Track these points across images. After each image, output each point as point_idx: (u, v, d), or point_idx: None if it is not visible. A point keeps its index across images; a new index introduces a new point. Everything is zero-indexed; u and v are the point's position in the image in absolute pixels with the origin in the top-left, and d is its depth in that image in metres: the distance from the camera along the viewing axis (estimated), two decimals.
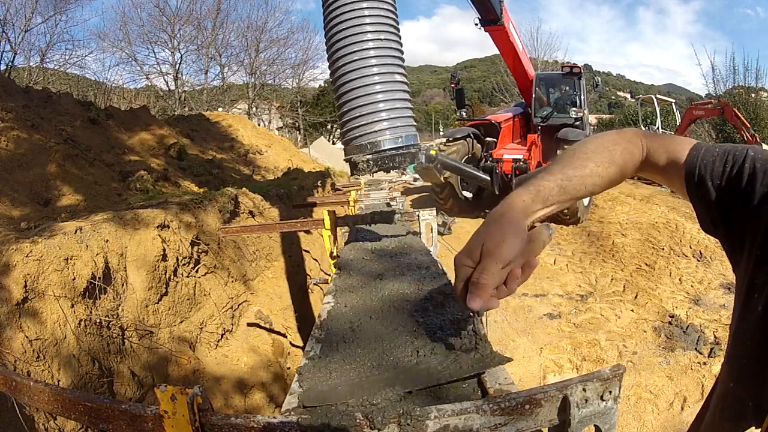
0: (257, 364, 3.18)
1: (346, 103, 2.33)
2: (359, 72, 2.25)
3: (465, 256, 0.69)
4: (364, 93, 2.30)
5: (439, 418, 0.50)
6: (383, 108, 2.33)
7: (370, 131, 2.33)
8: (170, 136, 6.25)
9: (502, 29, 7.63)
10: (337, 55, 2.28)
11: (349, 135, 2.38)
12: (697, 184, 0.73)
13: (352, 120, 2.35)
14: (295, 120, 29.71)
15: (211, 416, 0.53)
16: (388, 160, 2.40)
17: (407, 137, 2.39)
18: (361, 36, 2.22)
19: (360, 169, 2.42)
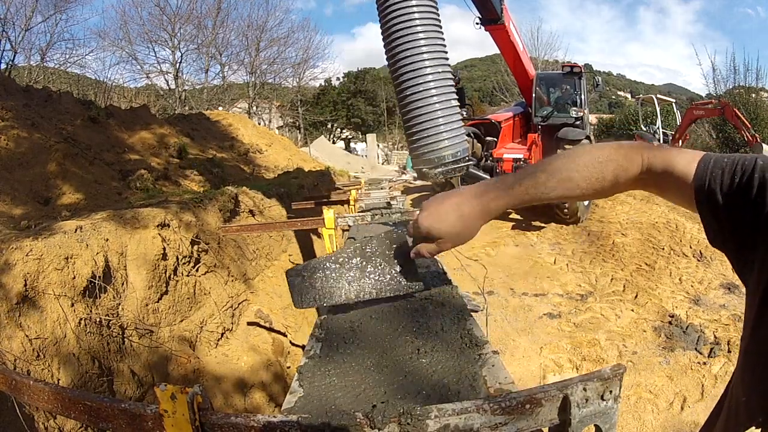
0: (257, 363, 3.18)
1: (415, 126, 3.23)
2: (424, 101, 3.14)
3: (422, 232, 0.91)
4: (430, 118, 3.16)
5: (439, 418, 0.50)
6: (444, 129, 3.18)
7: (437, 147, 3.20)
8: (170, 135, 6.25)
9: (502, 28, 7.61)
10: (402, 85, 3.18)
11: (418, 150, 3.29)
12: (707, 197, 0.71)
13: (421, 139, 3.23)
14: (295, 119, 29.72)
15: (211, 415, 0.53)
16: (450, 171, 3.32)
17: (463, 150, 3.31)
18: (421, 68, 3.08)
19: (427, 176, 3.35)
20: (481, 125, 9.25)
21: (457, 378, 0.81)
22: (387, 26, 3.10)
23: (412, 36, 3.03)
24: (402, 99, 3.23)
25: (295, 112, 28.58)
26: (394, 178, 15.73)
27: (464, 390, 0.77)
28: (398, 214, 2.47)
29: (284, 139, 13.40)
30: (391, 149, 32.64)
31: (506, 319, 5.12)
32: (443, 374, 0.83)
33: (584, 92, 9.10)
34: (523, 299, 5.59)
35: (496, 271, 6.33)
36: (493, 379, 0.80)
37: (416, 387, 0.76)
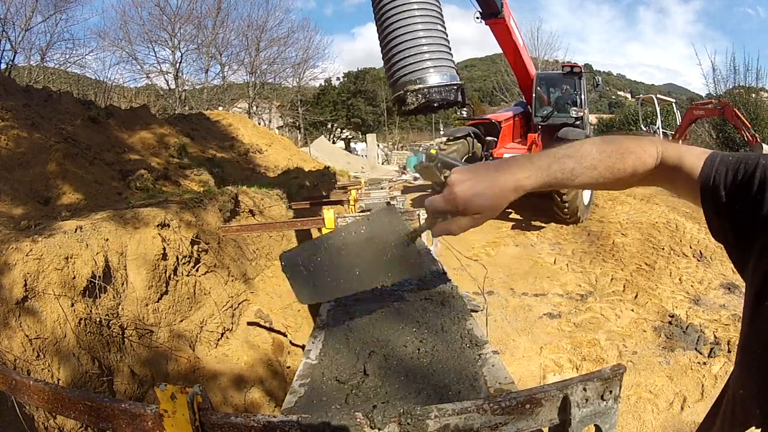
0: (257, 363, 3.18)
1: (394, 48, 2.96)
2: (405, 21, 2.90)
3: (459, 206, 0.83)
4: (410, 38, 2.91)
5: (439, 418, 0.50)
6: (427, 50, 2.94)
7: (418, 69, 2.92)
8: (170, 135, 6.25)
9: (502, 22, 7.62)
10: (384, 7, 2.94)
11: (396, 75, 2.98)
12: (711, 194, 0.74)
13: (400, 61, 2.95)
14: (295, 119, 29.72)
15: (211, 415, 0.53)
16: (435, 93, 2.98)
17: (451, 76, 3.01)
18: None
19: (408, 103, 3.00)
20: (481, 125, 9.25)
21: (458, 378, 0.81)
22: None
23: None
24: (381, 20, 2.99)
25: (295, 112, 28.58)
26: (394, 178, 15.74)
27: (464, 390, 0.77)
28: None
29: (284, 139, 13.40)
30: (391, 149, 32.64)
31: (506, 319, 5.12)
32: (443, 374, 0.83)
33: (584, 92, 9.10)
34: (523, 299, 5.59)
35: (496, 271, 6.33)
36: (493, 379, 0.80)
37: (416, 387, 0.76)
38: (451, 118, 28.75)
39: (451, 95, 3.08)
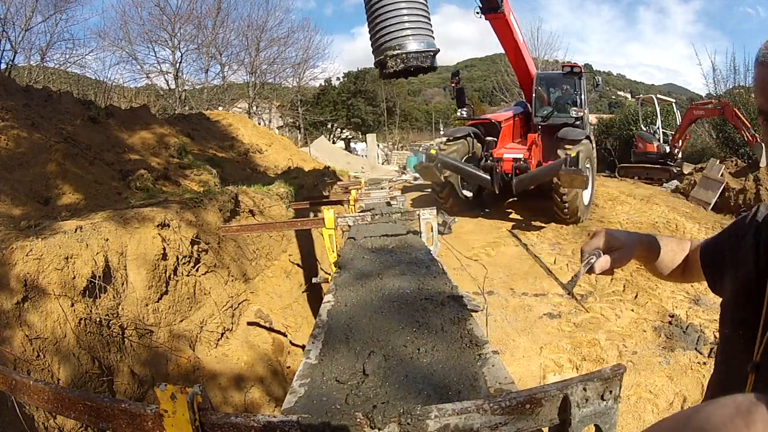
0: (257, 362, 3.18)
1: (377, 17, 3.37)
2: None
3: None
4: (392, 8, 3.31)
5: (439, 417, 0.50)
6: (407, 20, 3.33)
7: (397, 36, 3.34)
8: (170, 135, 6.25)
9: (502, 17, 7.62)
10: None
11: (378, 41, 3.40)
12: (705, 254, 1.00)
13: (382, 29, 3.38)
14: (295, 119, 29.72)
15: (211, 415, 0.53)
16: (413, 59, 3.39)
17: (428, 43, 3.42)
18: None
19: (388, 67, 3.42)
20: (481, 125, 9.25)
21: (458, 378, 0.81)
22: None
23: None
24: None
25: (295, 112, 28.57)
26: (394, 178, 15.73)
27: (464, 390, 0.77)
28: (398, 214, 2.47)
29: (284, 139, 13.40)
30: (391, 149, 32.64)
31: (506, 319, 5.12)
32: (443, 374, 0.83)
33: (584, 92, 9.10)
34: (523, 299, 5.59)
35: (496, 271, 6.33)
36: (493, 379, 0.80)
37: (416, 387, 0.76)
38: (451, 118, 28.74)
39: (427, 61, 3.46)
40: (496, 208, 9.53)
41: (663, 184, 11.24)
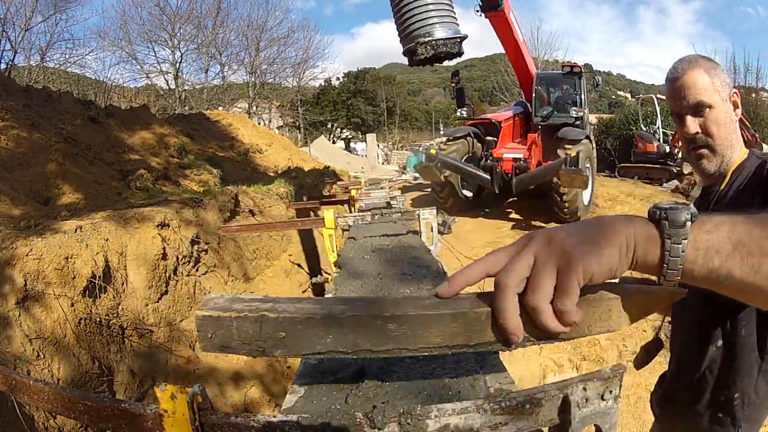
0: (257, 362, 3.18)
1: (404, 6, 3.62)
2: None
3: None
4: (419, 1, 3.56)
5: (439, 417, 0.50)
6: (433, 8, 3.60)
7: (426, 24, 3.59)
8: (170, 134, 6.25)
9: (502, 15, 7.62)
10: None
11: (408, 29, 3.64)
12: None
13: (410, 18, 3.62)
14: (295, 119, 29.72)
15: (211, 415, 0.53)
16: (441, 45, 3.65)
17: (455, 30, 3.70)
18: None
19: (418, 53, 3.69)
20: (481, 125, 9.25)
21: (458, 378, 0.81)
22: None
23: None
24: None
25: (295, 112, 28.58)
26: (394, 178, 15.72)
27: (464, 390, 0.77)
28: (398, 214, 2.47)
29: (284, 139, 13.40)
30: (391, 149, 32.64)
31: None
32: (443, 374, 0.83)
33: (584, 92, 9.10)
34: None
35: None
36: (493, 379, 0.80)
37: (416, 387, 0.76)
38: (451, 118, 28.73)
39: (455, 47, 3.75)
40: (496, 208, 9.53)
41: (663, 184, 11.24)
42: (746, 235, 0.46)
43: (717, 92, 1.12)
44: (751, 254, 0.45)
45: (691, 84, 1.12)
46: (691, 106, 1.13)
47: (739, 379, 1.08)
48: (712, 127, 1.13)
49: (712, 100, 1.11)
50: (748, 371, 1.06)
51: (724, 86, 1.13)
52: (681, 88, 1.14)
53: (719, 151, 1.15)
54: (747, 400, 1.08)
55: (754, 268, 0.45)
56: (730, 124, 1.15)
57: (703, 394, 1.13)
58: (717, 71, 1.13)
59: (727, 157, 1.16)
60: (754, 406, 1.08)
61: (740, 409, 1.08)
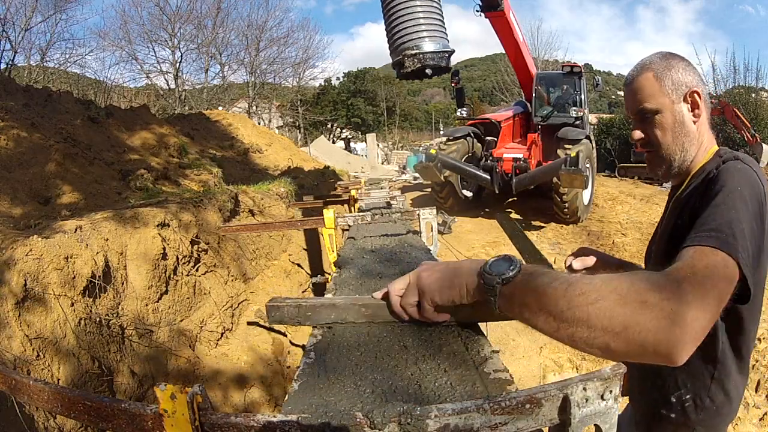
0: (257, 362, 3.18)
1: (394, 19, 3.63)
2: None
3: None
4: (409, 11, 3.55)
5: (439, 417, 0.50)
6: (423, 22, 3.58)
7: (414, 38, 3.58)
8: (170, 134, 6.25)
9: (502, 15, 7.63)
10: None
11: (396, 42, 3.65)
12: None
13: (400, 31, 3.62)
14: (295, 119, 29.72)
15: (211, 415, 0.53)
16: (429, 59, 3.64)
17: (443, 44, 3.68)
18: None
19: (405, 66, 3.69)
20: (481, 125, 9.25)
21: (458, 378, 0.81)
22: None
23: None
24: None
25: (295, 112, 28.58)
26: (394, 177, 15.72)
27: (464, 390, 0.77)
28: (398, 214, 2.47)
29: (284, 139, 13.40)
30: (391, 149, 32.64)
31: None
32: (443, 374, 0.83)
33: (584, 92, 9.10)
34: None
35: None
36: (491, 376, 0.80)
37: (416, 387, 0.76)
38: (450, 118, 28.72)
39: (443, 61, 3.75)
40: (496, 208, 9.53)
41: (663, 184, 11.24)
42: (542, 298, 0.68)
43: (667, 95, 1.09)
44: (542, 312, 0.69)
45: (637, 89, 1.12)
46: (635, 113, 1.14)
47: (690, 383, 1.09)
48: (657, 133, 1.12)
49: (659, 104, 1.10)
50: (699, 376, 1.08)
51: (677, 87, 1.09)
52: (629, 93, 1.15)
53: (664, 156, 1.14)
54: (700, 404, 1.09)
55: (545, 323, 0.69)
56: (681, 128, 1.12)
57: (652, 395, 1.16)
58: (672, 72, 1.10)
59: (677, 161, 1.14)
60: (710, 411, 1.09)
61: (693, 412, 1.10)
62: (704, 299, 0.66)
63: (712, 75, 15.59)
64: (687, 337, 0.62)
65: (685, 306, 0.63)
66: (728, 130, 12.22)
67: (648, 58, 1.15)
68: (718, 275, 0.74)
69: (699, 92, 1.10)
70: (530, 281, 0.71)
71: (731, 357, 1.06)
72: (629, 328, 0.62)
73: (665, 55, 1.13)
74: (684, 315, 0.62)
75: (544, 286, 0.69)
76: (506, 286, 0.72)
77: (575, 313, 0.65)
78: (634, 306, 0.63)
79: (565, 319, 0.66)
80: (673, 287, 0.66)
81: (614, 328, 0.63)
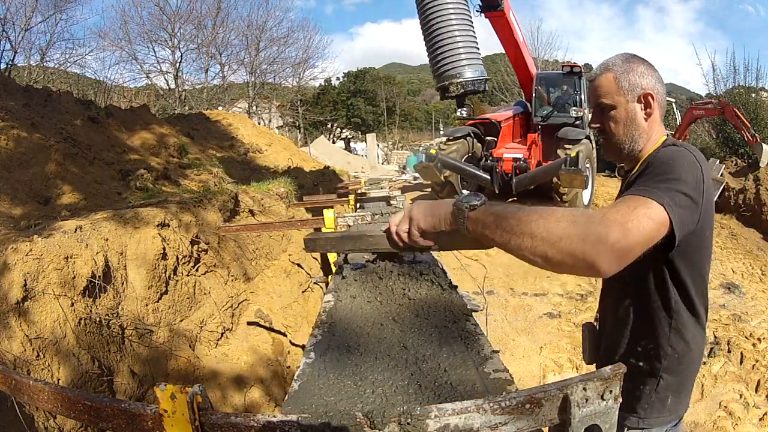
0: (257, 362, 3.18)
1: (439, 48, 4.64)
2: (447, 27, 4.55)
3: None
4: (451, 41, 4.54)
5: (439, 417, 0.50)
6: (463, 51, 4.60)
7: (457, 66, 4.62)
8: (170, 134, 6.24)
9: (502, 15, 7.64)
10: (429, 17, 4.68)
11: (441, 70, 4.71)
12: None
13: (442, 60, 4.65)
14: (295, 119, 29.72)
15: (211, 415, 0.53)
16: (469, 84, 4.76)
17: (481, 71, 4.85)
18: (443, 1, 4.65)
19: (450, 91, 4.85)
20: (481, 125, 9.25)
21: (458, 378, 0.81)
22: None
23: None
24: (426, 26, 4.71)
25: (295, 112, 28.57)
26: (394, 177, 15.71)
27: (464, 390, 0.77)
28: None
29: (284, 139, 13.39)
30: (391, 149, 32.64)
31: (506, 318, 5.12)
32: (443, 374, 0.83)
33: (584, 92, 9.10)
34: (523, 299, 5.59)
35: (496, 270, 6.33)
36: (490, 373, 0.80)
37: (416, 386, 0.76)
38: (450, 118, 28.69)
39: (481, 86, 4.98)
40: None
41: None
42: (499, 218, 0.91)
43: (623, 94, 1.26)
44: (498, 229, 0.90)
45: (597, 86, 1.30)
46: (594, 106, 1.33)
47: (650, 333, 1.26)
48: (610, 124, 1.30)
49: (614, 101, 1.27)
50: (658, 326, 1.25)
51: (633, 88, 1.25)
52: (591, 88, 1.35)
53: (615, 144, 1.32)
54: (663, 352, 1.25)
55: (501, 237, 0.90)
56: (632, 123, 1.28)
57: (621, 346, 1.33)
58: (630, 75, 1.26)
59: (627, 149, 1.31)
60: (672, 359, 1.25)
61: (657, 360, 1.26)
62: (624, 225, 0.86)
63: (712, 75, 15.55)
64: (609, 253, 0.81)
65: (606, 228, 0.83)
66: (728, 130, 12.20)
67: (612, 59, 1.31)
68: (639, 212, 0.92)
69: (652, 94, 1.25)
70: (491, 208, 0.94)
71: (684, 309, 1.25)
72: (563, 239, 0.81)
73: (627, 59, 1.29)
74: (606, 235, 0.82)
75: (502, 210, 0.92)
76: (473, 211, 0.94)
77: (522, 228, 0.86)
78: (567, 223, 0.82)
79: (515, 233, 0.87)
80: (599, 215, 0.87)
81: (551, 238, 0.82)
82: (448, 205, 1.00)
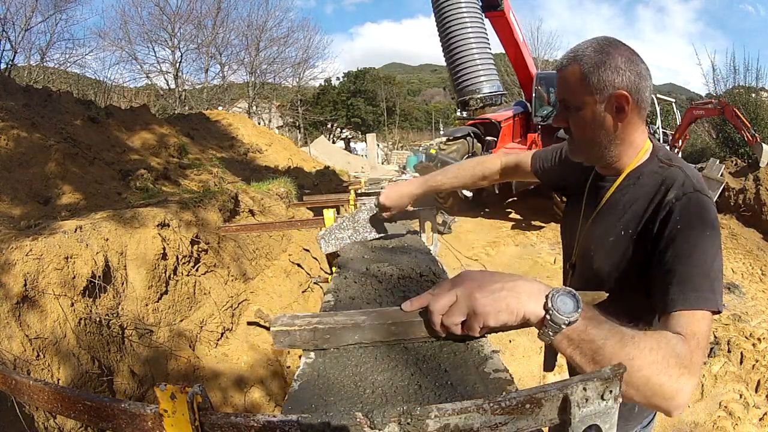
0: (257, 362, 3.18)
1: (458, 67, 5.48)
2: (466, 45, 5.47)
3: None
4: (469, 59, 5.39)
5: (439, 417, 0.50)
6: (481, 68, 5.47)
7: (476, 81, 5.45)
8: (170, 134, 6.24)
9: (502, 15, 7.65)
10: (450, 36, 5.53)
11: (461, 85, 5.58)
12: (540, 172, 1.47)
13: (462, 77, 5.45)
14: (295, 119, 29.73)
15: (211, 415, 0.53)
16: (487, 99, 5.80)
17: (498, 86, 5.82)
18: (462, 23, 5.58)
19: (470, 105, 5.96)
20: (481, 125, 9.25)
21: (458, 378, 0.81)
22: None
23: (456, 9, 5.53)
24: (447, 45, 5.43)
25: (295, 112, 28.58)
26: (394, 177, 15.69)
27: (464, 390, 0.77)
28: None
29: (284, 139, 13.39)
30: (391, 149, 32.65)
31: None
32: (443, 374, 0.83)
33: None
34: None
35: (496, 270, 6.33)
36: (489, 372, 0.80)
37: (416, 387, 0.76)
38: (450, 118, 28.68)
39: (498, 100, 5.92)
40: (496, 208, 9.53)
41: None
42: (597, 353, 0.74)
43: (591, 93, 1.03)
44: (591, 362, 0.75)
45: (563, 79, 1.08)
46: (560, 101, 1.13)
47: None
48: (574, 127, 1.11)
49: (580, 101, 1.06)
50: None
51: (604, 87, 1.02)
52: (558, 79, 1.11)
53: (580, 148, 1.15)
54: None
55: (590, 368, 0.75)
56: (599, 127, 1.06)
57: None
58: (601, 70, 1.01)
59: (594, 155, 1.13)
60: None
61: None
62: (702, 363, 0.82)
63: (712, 75, 15.54)
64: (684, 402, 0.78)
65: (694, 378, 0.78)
66: (728, 130, 12.19)
67: (582, 47, 1.06)
68: (708, 334, 0.89)
69: (627, 94, 1.02)
70: (589, 330, 0.75)
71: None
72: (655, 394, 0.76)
73: (601, 48, 1.03)
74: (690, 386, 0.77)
75: (602, 340, 0.75)
76: (569, 326, 0.74)
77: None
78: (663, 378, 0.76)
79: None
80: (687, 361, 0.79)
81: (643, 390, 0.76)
82: (530, 302, 0.74)
